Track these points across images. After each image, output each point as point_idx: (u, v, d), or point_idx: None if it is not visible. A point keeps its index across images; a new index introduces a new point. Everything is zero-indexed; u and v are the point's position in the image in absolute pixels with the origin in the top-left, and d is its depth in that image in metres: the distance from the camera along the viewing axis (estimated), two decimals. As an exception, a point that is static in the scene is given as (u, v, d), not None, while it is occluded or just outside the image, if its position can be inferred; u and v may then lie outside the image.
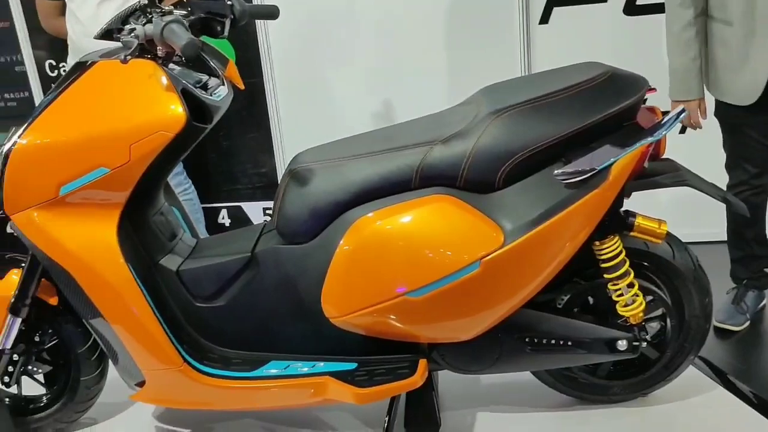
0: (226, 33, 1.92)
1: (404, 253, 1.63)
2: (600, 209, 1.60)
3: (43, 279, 1.86)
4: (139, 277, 1.74)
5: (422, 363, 1.76)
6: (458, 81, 3.23)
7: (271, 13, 2.17)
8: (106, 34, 1.70)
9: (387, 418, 1.85)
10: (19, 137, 1.67)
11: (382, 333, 1.75)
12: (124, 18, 1.67)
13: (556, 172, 1.57)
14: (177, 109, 1.60)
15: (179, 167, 2.93)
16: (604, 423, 1.89)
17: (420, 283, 1.63)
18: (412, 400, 1.93)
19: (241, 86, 1.99)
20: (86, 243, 1.70)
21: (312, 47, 3.25)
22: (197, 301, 1.86)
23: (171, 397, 1.87)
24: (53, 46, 3.24)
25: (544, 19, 3.18)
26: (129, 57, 1.56)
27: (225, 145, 3.44)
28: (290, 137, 3.38)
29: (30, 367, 2.02)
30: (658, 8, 2.87)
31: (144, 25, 1.61)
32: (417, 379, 1.74)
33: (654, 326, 1.85)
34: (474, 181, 1.64)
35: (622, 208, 1.70)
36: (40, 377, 2.06)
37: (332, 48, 3.24)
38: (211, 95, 1.77)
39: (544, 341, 1.75)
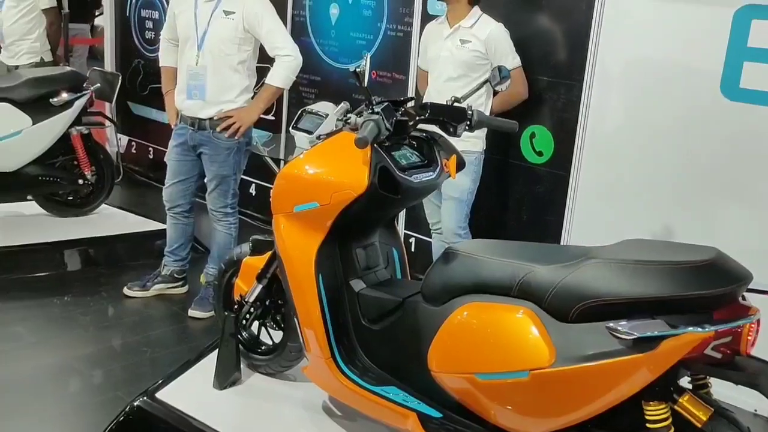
0: (459, 135, 2.50)
1: (482, 340, 2.01)
2: (644, 374, 1.75)
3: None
4: (324, 286, 2.41)
5: (484, 438, 2.11)
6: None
7: (511, 128, 2.65)
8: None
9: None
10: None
11: (461, 399, 2.14)
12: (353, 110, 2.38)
13: (609, 324, 1.79)
14: (363, 178, 2.22)
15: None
16: None
17: (486, 369, 1.99)
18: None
19: (453, 177, 2.52)
20: (297, 249, 2.43)
21: (621, 148, 3.45)
22: (363, 320, 2.46)
23: (319, 380, 2.51)
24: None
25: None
26: (323, 137, 2.29)
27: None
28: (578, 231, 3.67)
29: (267, 323, 2.87)
30: None
31: (358, 115, 2.28)
32: (472, 448, 2.10)
33: None
34: (554, 307, 1.92)
35: (679, 381, 1.81)
36: (272, 333, 2.89)
37: (639, 154, 3.39)
38: (410, 176, 2.34)
39: (584, 469, 1.95)
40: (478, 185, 3.58)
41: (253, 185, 5.61)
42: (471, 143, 3.41)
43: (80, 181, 4.71)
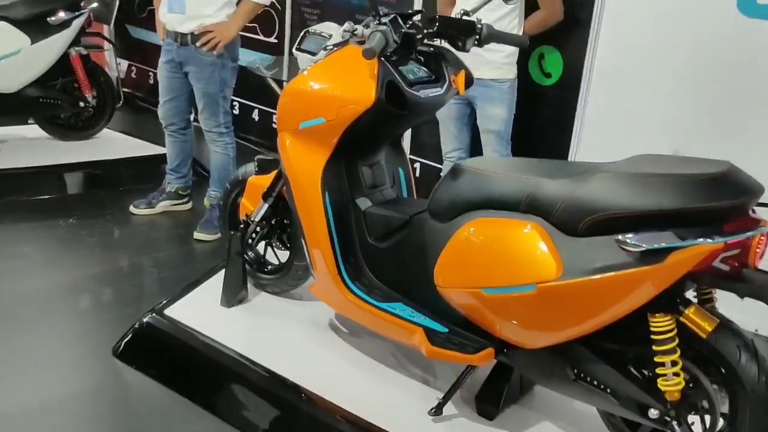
0: (467, 49, 2.44)
1: (489, 255, 2.02)
2: (651, 286, 1.75)
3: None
4: (330, 204, 2.41)
5: (488, 350, 2.13)
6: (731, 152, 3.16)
7: (522, 43, 2.59)
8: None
9: (455, 381, 2.26)
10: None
11: (468, 314, 2.16)
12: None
13: (618, 237, 1.78)
14: (370, 92, 2.18)
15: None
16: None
17: (493, 283, 2.00)
18: (490, 381, 2.30)
19: (462, 93, 2.48)
20: (303, 167, 2.41)
21: (632, 70, 3.40)
22: (370, 238, 2.46)
23: (327, 297, 2.53)
24: None
25: None
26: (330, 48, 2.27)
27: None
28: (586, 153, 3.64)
29: (273, 243, 2.88)
30: None
31: (365, 27, 2.22)
32: (476, 359, 2.13)
33: (707, 419, 1.91)
34: (562, 222, 1.92)
35: (685, 294, 1.82)
36: (278, 253, 2.90)
37: (651, 75, 3.35)
38: (418, 92, 2.31)
39: (588, 379, 1.98)
40: (514, 112, 3.51)
41: (256, 110, 5.56)
42: (503, 71, 3.36)
43: (81, 104, 4.67)
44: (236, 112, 5.75)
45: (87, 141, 4.86)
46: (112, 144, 4.91)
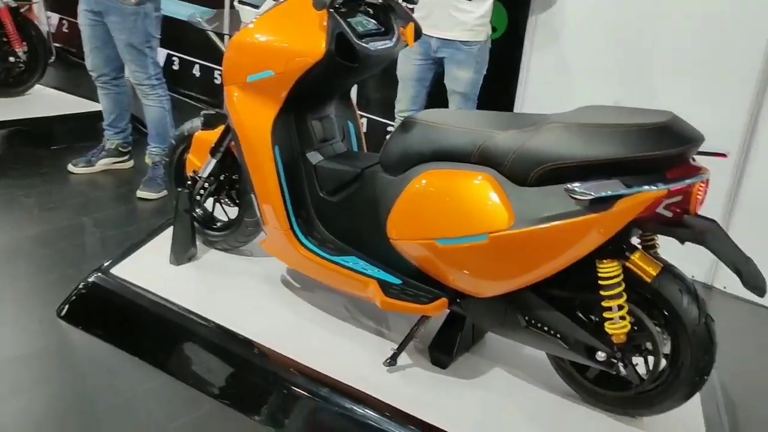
0: (415, 2, 2.42)
1: (442, 206, 2.04)
2: (599, 233, 1.80)
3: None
4: (281, 158, 2.38)
5: (441, 300, 2.16)
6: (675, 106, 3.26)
7: None
8: None
9: (409, 332, 2.30)
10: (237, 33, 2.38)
11: (420, 265, 2.18)
12: None
13: (567, 186, 1.82)
14: (320, 44, 2.15)
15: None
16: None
17: (445, 234, 2.02)
18: (443, 331, 2.34)
19: (411, 45, 2.47)
20: (252, 121, 2.37)
21: (573, 26, 3.46)
22: (321, 192, 2.45)
23: (278, 252, 2.52)
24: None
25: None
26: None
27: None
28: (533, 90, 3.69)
29: (222, 199, 2.83)
30: None
31: None
32: (430, 309, 2.16)
33: (650, 360, 2.00)
34: (513, 172, 1.95)
35: (631, 240, 1.88)
36: (227, 210, 2.86)
37: (590, 37, 3.43)
38: (368, 44, 2.28)
39: (539, 325, 2.04)
40: (484, 74, 3.51)
41: (197, 66, 5.42)
42: (474, 33, 3.34)
43: (11, 59, 4.48)
44: (176, 67, 5.59)
45: (19, 98, 4.68)
46: (46, 100, 4.73)
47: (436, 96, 3.55)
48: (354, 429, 2.10)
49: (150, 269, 2.71)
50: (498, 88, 3.77)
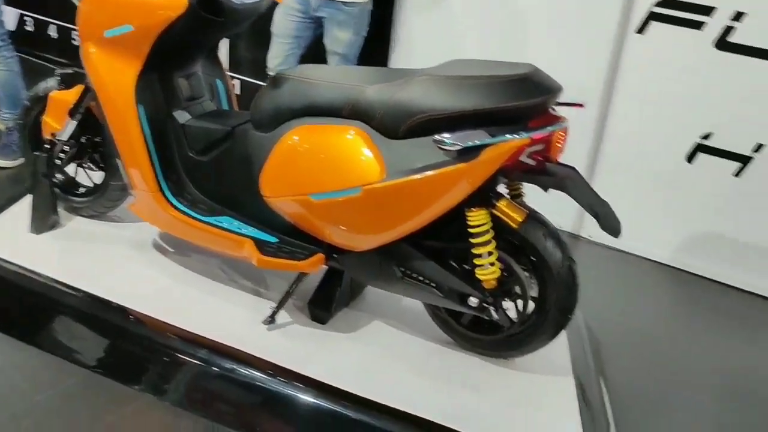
0: None
1: (315, 161, 2.03)
2: (467, 182, 1.86)
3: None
4: (147, 118, 2.28)
5: (317, 256, 2.17)
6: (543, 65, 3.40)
7: None
8: None
9: (287, 290, 2.29)
10: None
11: (296, 222, 2.18)
12: None
13: (435, 137, 1.86)
14: None
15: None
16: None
17: (319, 189, 2.02)
18: (321, 287, 2.35)
19: (280, 1, 2.42)
20: (113, 79, 2.26)
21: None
22: (191, 152, 2.38)
23: (148, 216, 2.43)
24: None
25: (641, 29, 3.26)
26: None
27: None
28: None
29: (84, 164, 2.69)
30: (749, 51, 2.92)
31: None
32: (306, 265, 2.16)
33: (519, 303, 2.10)
34: (384, 126, 1.97)
35: (497, 189, 1.96)
36: (90, 174, 2.72)
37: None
38: None
39: (414, 275, 2.08)
40: (365, 35, 3.47)
41: (53, 26, 5.08)
42: None
43: None
44: (30, 28, 5.23)
45: None
46: None
47: (315, 59, 3.52)
48: (236, 389, 2.09)
49: (8, 239, 2.55)
50: (372, 47, 3.77)
